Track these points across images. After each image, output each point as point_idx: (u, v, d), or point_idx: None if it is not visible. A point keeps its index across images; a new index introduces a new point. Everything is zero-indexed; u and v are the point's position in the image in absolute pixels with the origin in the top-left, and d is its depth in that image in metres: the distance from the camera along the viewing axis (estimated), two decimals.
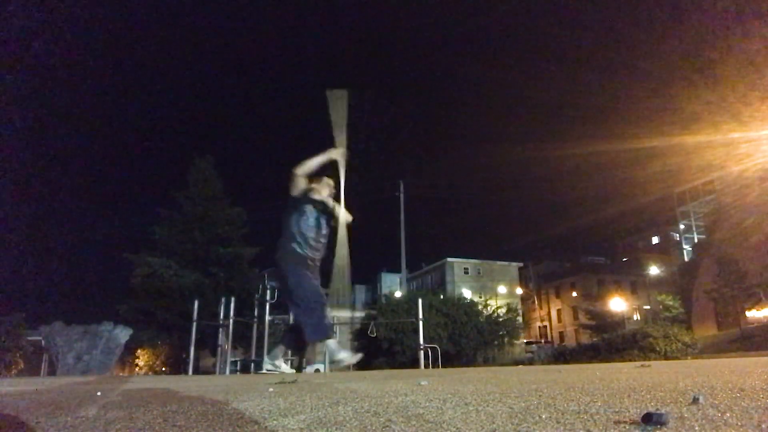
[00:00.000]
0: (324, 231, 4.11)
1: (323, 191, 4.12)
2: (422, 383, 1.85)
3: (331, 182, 4.18)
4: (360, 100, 4.31)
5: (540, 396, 1.31)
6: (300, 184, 3.94)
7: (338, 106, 4.22)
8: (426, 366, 7.82)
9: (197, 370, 6.87)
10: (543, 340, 41.99)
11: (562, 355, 16.15)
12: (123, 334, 12.17)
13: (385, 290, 40.62)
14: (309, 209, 3.96)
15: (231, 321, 9.15)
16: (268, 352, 3.91)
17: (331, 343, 3.78)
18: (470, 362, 14.49)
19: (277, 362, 3.83)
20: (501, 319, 17.40)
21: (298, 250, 3.89)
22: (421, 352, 7.40)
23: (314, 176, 4.13)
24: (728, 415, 0.93)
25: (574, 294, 46.32)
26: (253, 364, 6.30)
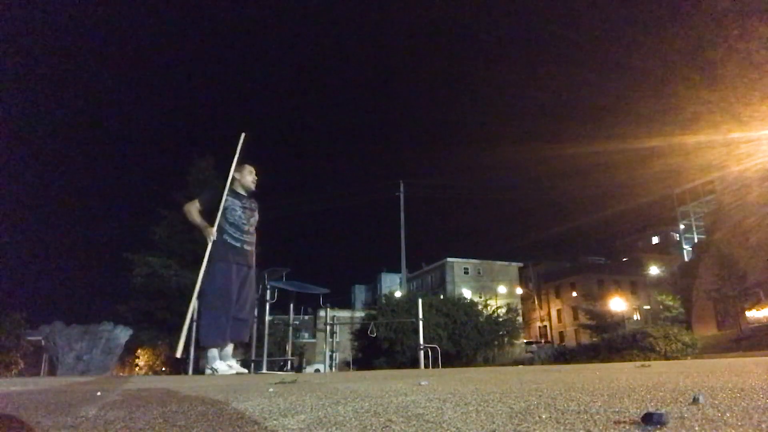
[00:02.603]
0: (253, 218, 4.39)
1: (247, 179, 4.42)
2: (422, 383, 1.85)
3: (252, 168, 4.46)
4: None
5: (540, 396, 1.31)
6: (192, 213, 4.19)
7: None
8: (426, 366, 7.81)
9: (197, 370, 6.86)
10: (543, 340, 42.01)
11: (562, 355, 16.15)
12: (123, 334, 12.17)
13: (385, 290, 40.60)
14: (231, 201, 4.23)
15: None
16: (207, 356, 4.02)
17: (213, 350, 3.89)
18: (470, 362, 14.49)
19: (215, 364, 3.90)
20: (501, 319, 17.40)
21: (231, 241, 4.12)
22: (421, 352, 7.39)
23: (238, 165, 4.41)
24: (728, 415, 0.93)
25: (574, 294, 46.31)
26: (253, 364, 6.29)
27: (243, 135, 4.42)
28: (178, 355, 3.79)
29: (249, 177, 4.40)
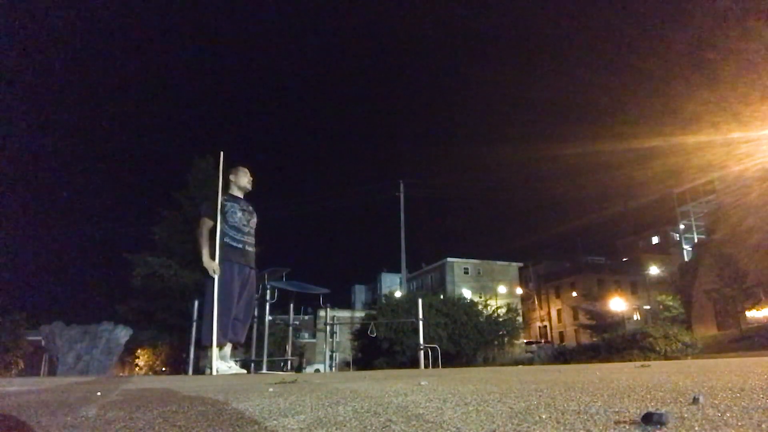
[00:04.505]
0: (253, 218, 4.45)
1: (242, 180, 4.47)
2: (422, 383, 1.85)
3: (246, 170, 4.52)
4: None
5: (540, 396, 1.31)
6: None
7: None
8: (426, 366, 7.80)
9: (197, 370, 6.87)
10: (543, 340, 41.99)
11: (562, 355, 16.16)
12: (123, 334, 12.17)
13: (385, 290, 40.62)
14: (231, 205, 4.28)
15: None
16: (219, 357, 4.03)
17: (214, 350, 3.90)
18: (470, 362, 14.49)
19: (215, 364, 3.90)
20: (501, 319, 17.40)
21: (232, 243, 4.18)
22: (421, 352, 7.37)
23: (232, 168, 4.48)
24: (728, 415, 0.93)
25: (574, 294, 46.31)
26: (253, 364, 6.28)
27: (222, 153, 4.53)
28: (215, 373, 3.81)
29: (245, 178, 4.47)
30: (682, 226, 42.31)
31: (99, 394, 1.82)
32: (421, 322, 7.77)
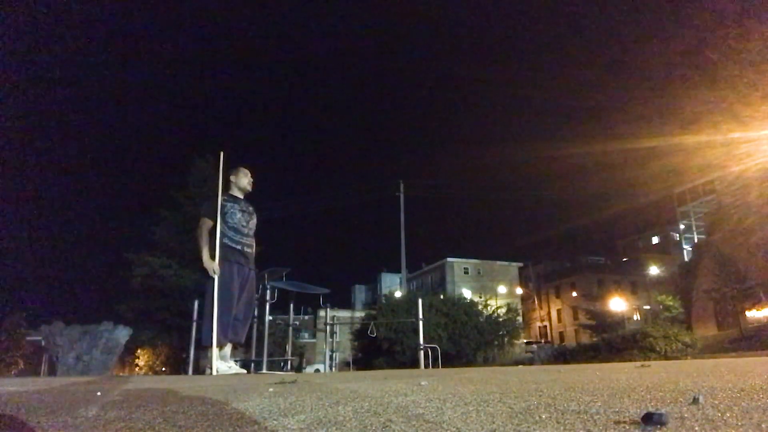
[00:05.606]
0: (253, 219, 4.44)
1: (243, 181, 4.47)
2: (422, 383, 1.85)
3: (247, 171, 4.51)
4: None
5: (540, 396, 1.31)
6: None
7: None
8: (426, 366, 7.80)
9: (197, 370, 6.88)
10: (543, 340, 41.98)
11: (562, 355, 16.19)
12: (123, 334, 12.16)
13: (385, 290, 40.65)
14: (231, 205, 4.28)
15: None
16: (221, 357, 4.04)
17: (214, 350, 3.90)
18: (470, 362, 14.49)
19: (215, 364, 3.90)
20: (501, 319, 17.42)
21: (230, 244, 4.18)
22: (421, 352, 7.37)
23: (233, 168, 4.48)
24: (728, 415, 0.93)
25: (574, 294, 46.30)
26: (253, 364, 6.28)
27: (222, 154, 4.54)
28: (215, 373, 3.81)
29: (245, 179, 4.46)
30: (682, 226, 42.33)
31: (99, 394, 1.82)
32: (421, 322, 7.76)
